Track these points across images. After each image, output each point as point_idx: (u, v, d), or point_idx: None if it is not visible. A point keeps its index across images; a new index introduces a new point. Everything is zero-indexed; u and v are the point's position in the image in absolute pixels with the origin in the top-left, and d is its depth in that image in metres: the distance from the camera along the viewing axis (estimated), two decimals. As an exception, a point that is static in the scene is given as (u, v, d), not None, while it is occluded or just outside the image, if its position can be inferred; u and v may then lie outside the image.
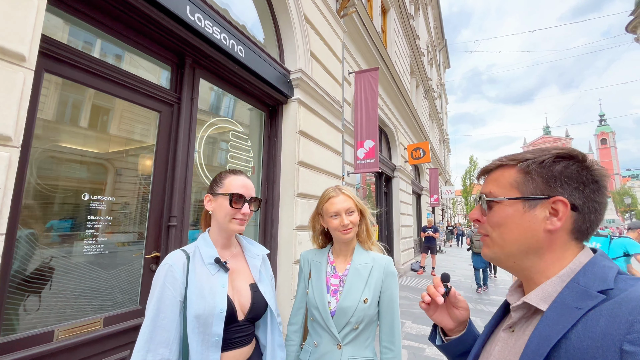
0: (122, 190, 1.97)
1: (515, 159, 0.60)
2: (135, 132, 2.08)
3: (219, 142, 2.76)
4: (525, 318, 0.59)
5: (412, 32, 10.29)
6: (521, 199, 0.58)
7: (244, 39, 2.66)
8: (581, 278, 0.52)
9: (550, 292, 0.54)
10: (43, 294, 1.56)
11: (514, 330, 0.60)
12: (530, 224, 0.57)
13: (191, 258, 1.01)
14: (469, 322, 0.80)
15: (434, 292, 0.76)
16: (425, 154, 8.94)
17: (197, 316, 0.93)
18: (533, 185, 0.57)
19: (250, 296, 1.07)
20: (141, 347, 0.88)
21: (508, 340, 0.59)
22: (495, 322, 0.68)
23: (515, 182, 0.59)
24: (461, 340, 0.77)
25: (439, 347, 0.82)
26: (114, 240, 1.89)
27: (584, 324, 0.47)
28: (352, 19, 5.01)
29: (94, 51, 1.86)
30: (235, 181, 1.09)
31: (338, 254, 1.25)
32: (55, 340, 1.54)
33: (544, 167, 0.57)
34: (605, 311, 0.46)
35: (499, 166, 0.63)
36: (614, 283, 0.49)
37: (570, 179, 0.55)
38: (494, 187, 0.62)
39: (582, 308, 0.48)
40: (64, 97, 1.73)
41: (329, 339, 1.12)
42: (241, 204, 1.06)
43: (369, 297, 1.12)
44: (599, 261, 0.54)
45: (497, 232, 0.60)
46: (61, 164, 1.70)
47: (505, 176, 0.61)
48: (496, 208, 0.61)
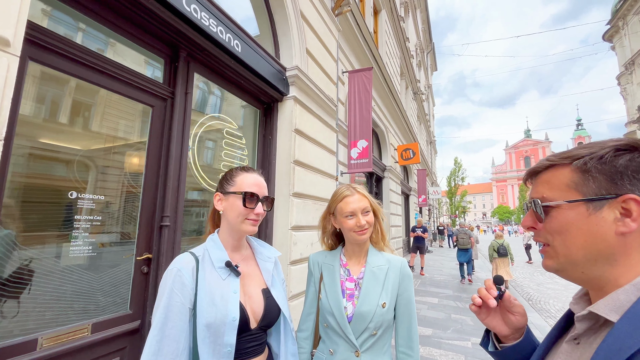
0: (112, 188, 1.86)
1: (568, 157, 0.54)
2: (126, 128, 1.97)
3: (213, 139, 2.67)
4: (592, 330, 0.53)
5: (403, 34, 10.37)
6: (583, 201, 0.52)
7: (241, 34, 2.58)
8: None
9: (622, 302, 0.48)
10: (24, 300, 1.44)
11: (579, 343, 0.54)
12: (599, 227, 0.50)
13: (200, 262, 0.94)
14: (526, 330, 0.72)
15: (485, 295, 0.70)
16: (415, 154, 9.03)
17: (207, 325, 0.86)
18: (595, 185, 0.51)
19: (263, 302, 1.00)
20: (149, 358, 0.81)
21: (572, 353, 0.54)
22: (558, 333, 0.62)
23: (573, 182, 0.53)
24: (517, 348, 0.70)
25: (492, 354, 0.76)
26: (103, 241, 1.78)
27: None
28: (346, 18, 4.98)
29: (84, 41, 1.75)
30: (247, 179, 1.01)
31: (351, 256, 1.19)
32: (39, 349, 1.43)
33: (604, 162, 0.50)
34: None
35: (549, 166, 0.57)
36: None
37: (638, 172, 0.49)
38: (546, 190, 0.56)
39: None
40: (49, 92, 1.61)
41: (346, 346, 1.06)
42: (255, 204, 0.98)
43: (387, 301, 1.07)
44: None
45: (559, 240, 0.54)
46: (45, 161, 1.59)
47: (558, 177, 0.55)
48: (554, 213, 0.55)
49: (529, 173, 0.61)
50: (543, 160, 0.59)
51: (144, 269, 1.93)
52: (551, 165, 0.57)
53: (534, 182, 0.60)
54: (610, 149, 0.50)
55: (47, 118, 1.61)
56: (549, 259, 0.57)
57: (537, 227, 0.58)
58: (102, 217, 1.77)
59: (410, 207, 13.04)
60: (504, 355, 0.72)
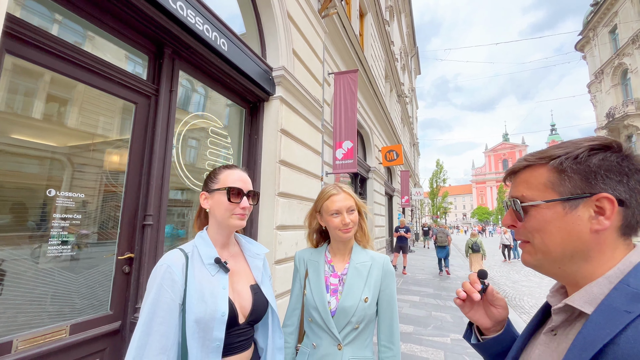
0: (92, 187, 1.82)
1: (545, 157, 0.56)
2: (106, 125, 1.92)
3: (198, 138, 2.64)
4: (568, 322, 0.55)
5: (388, 37, 10.56)
6: (560, 201, 0.53)
7: (227, 32, 2.57)
8: (632, 279, 0.48)
9: (596, 294, 0.50)
10: (1, 300, 1.39)
11: (556, 334, 0.56)
12: (574, 226, 0.52)
13: (190, 258, 0.95)
14: (507, 322, 0.75)
15: (470, 289, 0.72)
16: (399, 156, 9.21)
17: (197, 320, 0.87)
18: (571, 184, 0.53)
19: (252, 298, 1.02)
20: (133, 354, 0.81)
21: (549, 343, 0.56)
22: (535, 324, 0.64)
23: (550, 182, 0.55)
24: (498, 340, 0.73)
25: (474, 345, 0.78)
26: (82, 241, 1.74)
27: (634, 328, 0.43)
28: (332, 20, 5.03)
29: (65, 34, 1.70)
30: (231, 175, 1.03)
31: (335, 253, 1.23)
32: (14, 352, 1.39)
33: (579, 162, 0.52)
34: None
35: (527, 166, 0.59)
36: None
37: (611, 171, 0.51)
38: (525, 189, 0.58)
39: (632, 312, 0.45)
40: (23, 87, 1.56)
41: (329, 339, 1.10)
42: (240, 198, 1.01)
43: (369, 296, 1.12)
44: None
45: (538, 238, 0.56)
46: (22, 158, 1.54)
47: (536, 177, 0.57)
48: (533, 212, 0.56)
49: (508, 172, 0.63)
50: (521, 160, 0.61)
51: (126, 268, 1.90)
52: (529, 165, 0.59)
53: (513, 181, 0.62)
54: (585, 148, 0.53)
55: (22, 113, 1.56)
56: (528, 255, 0.60)
57: (517, 225, 0.60)
58: (82, 216, 1.73)
59: (394, 208, 13.27)
60: (485, 346, 0.75)
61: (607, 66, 20.55)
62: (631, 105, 17.95)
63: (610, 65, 20.15)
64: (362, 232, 1.24)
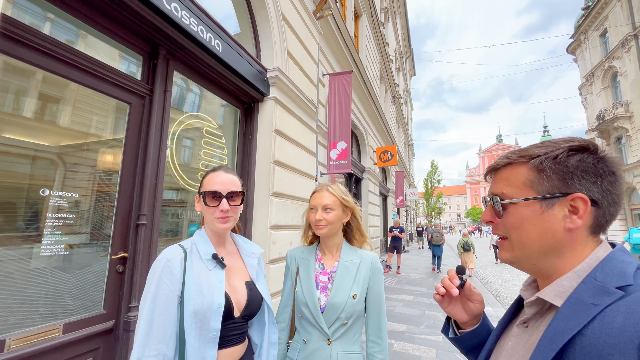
0: (86, 187, 1.82)
1: (525, 155, 0.57)
2: (100, 125, 1.93)
3: (192, 138, 2.65)
4: (539, 314, 0.57)
5: (382, 39, 10.63)
6: (537, 199, 0.55)
7: (222, 33, 2.59)
8: (598, 273, 0.51)
9: (565, 288, 0.53)
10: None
11: (528, 326, 0.58)
12: (550, 224, 0.54)
13: (188, 254, 0.99)
14: (483, 316, 0.77)
15: (448, 284, 0.74)
16: (393, 157, 9.28)
17: (195, 312, 0.92)
18: (549, 184, 0.54)
19: (246, 293, 1.07)
20: (140, 342, 0.86)
21: (522, 335, 0.58)
22: (509, 317, 0.67)
23: (529, 180, 0.56)
24: (475, 333, 0.75)
25: (452, 339, 0.81)
26: (75, 240, 1.75)
27: (600, 320, 0.45)
28: (327, 22, 5.07)
29: (59, 34, 1.71)
30: (212, 179, 1.06)
31: (325, 252, 1.27)
32: (6, 351, 1.39)
33: (558, 162, 0.54)
34: (623, 307, 0.44)
35: (507, 164, 0.60)
36: (634, 279, 0.48)
37: (586, 172, 0.53)
38: (505, 187, 0.59)
39: (599, 304, 0.47)
40: (14, 85, 1.57)
41: (319, 335, 1.13)
42: (217, 201, 1.03)
43: (358, 293, 1.15)
44: (617, 256, 0.52)
45: (515, 235, 0.58)
46: (14, 157, 1.54)
47: (516, 175, 0.58)
48: (511, 209, 0.58)
49: (490, 169, 0.65)
50: (503, 157, 0.62)
51: (119, 268, 1.91)
52: (510, 162, 0.60)
53: (494, 178, 0.63)
54: (564, 149, 0.54)
55: (14, 112, 1.57)
56: (504, 251, 0.61)
57: (495, 222, 0.61)
58: (76, 216, 1.74)
59: (388, 208, 13.35)
60: (463, 340, 0.78)
61: (597, 69, 20.93)
62: (621, 108, 18.31)
63: (601, 68, 20.52)
64: (358, 232, 1.27)
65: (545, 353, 0.48)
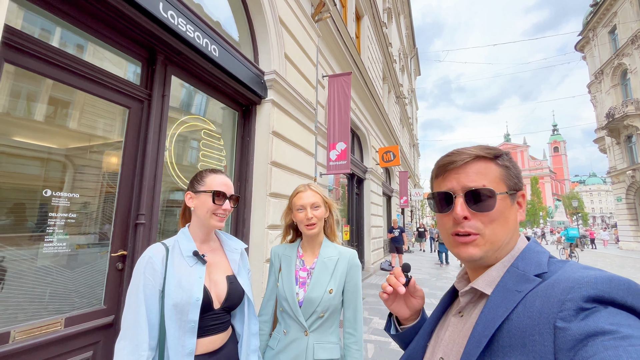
0: (87, 187, 1.91)
1: (490, 152, 0.61)
2: (101, 127, 2.02)
3: (191, 140, 2.74)
4: (472, 303, 0.62)
5: (385, 39, 10.65)
6: (508, 194, 0.59)
7: (218, 38, 2.67)
8: (520, 263, 0.56)
9: (494, 277, 0.58)
10: (0, 295, 1.49)
11: (463, 315, 0.62)
12: (513, 216, 0.60)
13: (170, 251, 1.07)
14: (422, 311, 0.82)
15: (395, 283, 0.76)
16: (396, 157, 9.28)
17: (174, 305, 0.99)
18: (513, 180, 0.60)
19: (227, 287, 1.14)
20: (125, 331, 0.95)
21: (457, 324, 0.62)
22: (443, 308, 0.70)
23: (502, 176, 0.60)
24: (415, 328, 0.79)
25: (393, 336, 0.84)
26: (77, 239, 1.83)
27: (523, 305, 0.50)
28: (326, 24, 5.13)
29: (61, 43, 1.80)
30: (216, 179, 1.15)
31: (306, 248, 1.33)
32: (11, 342, 1.48)
33: (512, 161, 0.61)
34: (541, 292, 0.49)
35: (477, 157, 0.61)
36: (547, 267, 0.54)
37: (520, 173, 0.61)
38: (484, 181, 0.59)
39: (522, 291, 0.51)
40: (23, 90, 1.66)
41: (297, 327, 1.21)
42: (223, 201, 1.13)
43: (334, 288, 1.22)
44: (533, 247, 0.58)
45: (491, 228, 0.59)
46: (19, 160, 1.64)
47: (490, 170, 0.60)
48: (492, 203, 0.58)
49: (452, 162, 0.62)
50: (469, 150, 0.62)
51: (119, 265, 1.99)
52: (479, 156, 0.60)
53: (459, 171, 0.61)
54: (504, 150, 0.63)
55: (21, 115, 1.66)
56: (476, 247, 0.59)
57: (470, 218, 0.59)
58: (77, 215, 1.83)
59: (392, 209, 13.33)
60: (404, 336, 0.81)
61: (606, 66, 20.56)
62: (631, 106, 17.95)
63: (610, 65, 20.15)
64: (330, 227, 1.34)
65: (479, 340, 0.52)
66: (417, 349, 0.69)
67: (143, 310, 0.96)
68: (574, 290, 0.45)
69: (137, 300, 0.97)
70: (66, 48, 1.80)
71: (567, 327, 0.42)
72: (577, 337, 0.41)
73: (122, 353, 0.93)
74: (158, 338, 0.98)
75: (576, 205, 38.69)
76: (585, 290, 0.44)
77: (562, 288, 0.46)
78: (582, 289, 0.44)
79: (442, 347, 0.62)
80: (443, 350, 0.61)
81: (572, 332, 0.42)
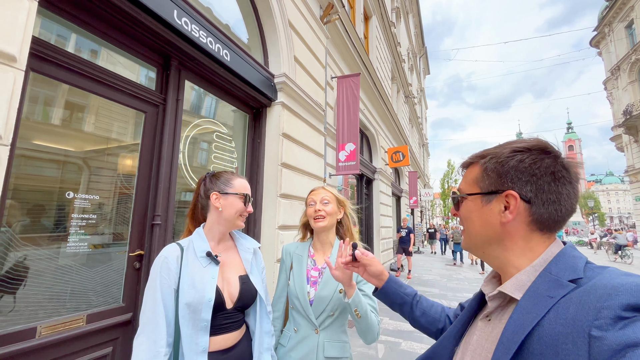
0: (105, 189, 1.99)
1: (479, 156, 0.65)
2: (117, 131, 2.10)
3: (203, 142, 2.81)
4: (501, 307, 0.61)
5: (394, 39, 10.61)
6: (479, 195, 0.63)
7: (230, 43, 2.73)
8: (553, 268, 0.54)
9: (524, 282, 0.56)
10: (26, 292, 1.57)
11: (491, 319, 0.61)
12: (488, 217, 0.61)
13: (185, 251, 1.11)
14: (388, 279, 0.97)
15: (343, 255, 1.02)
16: (405, 157, 9.23)
17: (188, 304, 1.03)
18: (488, 182, 0.61)
19: (239, 287, 1.17)
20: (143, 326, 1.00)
21: (485, 329, 0.62)
22: (472, 312, 0.70)
23: (477, 178, 0.64)
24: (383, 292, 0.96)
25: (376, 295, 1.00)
26: (97, 239, 1.91)
27: (555, 311, 0.48)
28: (335, 26, 5.16)
29: (82, 52, 1.88)
30: (243, 183, 1.23)
31: (317, 249, 1.37)
32: (37, 337, 1.56)
33: (499, 163, 0.60)
34: (575, 299, 0.47)
35: (470, 163, 0.67)
36: (584, 272, 0.52)
37: (522, 173, 0.58)
38: (463, 184, 0.68)
39: (554, 297, 0.50)
40: (44, 96, 1.75)
41: (308, 325, 1.24)
42: (249, 204, 1.22)
43: None
44: (569, 252, 0.57)
45: (466, 225, 0.67)
46: (42, 162, 1.72)
47: (471, 173, 0.66)
48: (463, 203, 0.67)
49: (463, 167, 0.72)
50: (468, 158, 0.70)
51: (136, 264, 2.06)
52: (472, 162, 0.67)
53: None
54: (509, 150, 0.60)
55: (44, 121, 1.74)
56: (463, 238, 0.70)
57: (456, 214, 0.71)
58: (97, 216, 1.91)
59: (402, 209, 13.25)
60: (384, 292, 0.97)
61: (623, 62, 19.95)
62: (649, 102, 17.37)
63: (627, 61, 19.55)
64: (346, 229, 1.37)
65: (508, 346, 0.51)
66: (444, 351, 0.70)
67: (161, 308, 1.01)
68: (612, 298, 0.43)
69: (154, 298, 1.02)
70: (84, 55, 1.88)
71: (604, 336, 0.40)
72: (614, 347, 0.39)
73: (141, 348, 0.97)
74: (174, 335, 1.03)
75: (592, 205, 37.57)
76: (625, 297, 0.42)
77: (599, 295, 0.44)
78: (621, 297, 0.42)
79: (469, 352, 0.62)
80: (471, 356, 0.61)
81: (609, 342, 0.40)
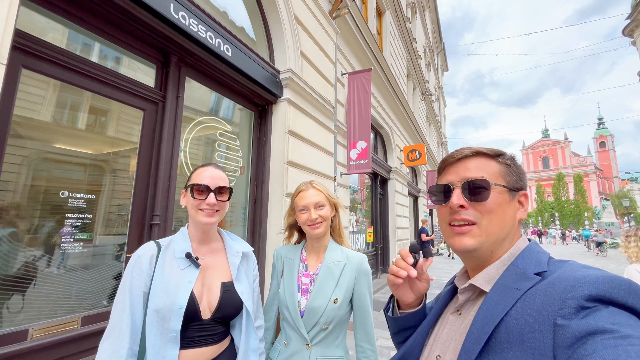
0: (102, 189, 1.95)
1: (491, 151, 0.64)
2: (115, 129, 2.06)
3: (207, 141, 2.75)
4: (471, 300, 0.63)
5: (409, 34, 10.32)
6: (508, 189, 0.61)
7: (231, 38, 2.66)
8: (520, 262, 0.57)
9: (493, 275, 0.59)
10: (15, 293, 1.53)
11: (461, 313, 0.63)
12: (512, 212, 0.61)
13: (162, 250, 1.00)
14: (425, 298, 0.78)
15: (405, 266, 0.71)
16: (422, 155, 8.93)
17: (157, 310, 0.91)
18: (513, 178, 0.62)
19: (219, 295, 1.02)
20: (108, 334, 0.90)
21: (455, 321, 0.63)
22: (443, 306, 0.70)
23: (502, 172, 0.62)
24: (415, 315, 0.76)
25: (389, 318, 0.81)
26: (94, 239, 1.87)
27: (522, 302, 0.50)
28: (345, 21, 5.02)
29: (76, 48, 1.85)
30: (202, 173, 1.06)
31: (310, 251, 1.22)
32: (29, 340, 1.52)
33: (515, 162, 0.64)
34: (541, 290, 0.50)
35: (477, 153, 0.64)
36: (547, 266, 0.55)
37: (524, 175, 0.64)
38: (484, 173, 0.62)
39: (521, 289, 0.52)
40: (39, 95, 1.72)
41: (298, 338, 1.09)
42: (205, 195, 1.03)
43: (340, 297, 1.09)
44: (534, 247, 0.60)
45: (488, 219, 0.60)
46: (35, 162, 1.69)
47: (490, 165, 0.63)
48: (486, 194, 0.60)
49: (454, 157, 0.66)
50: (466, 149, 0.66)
51: (134, 265, 2.01)
52: (479, 153, 0.64)
53: (460, 166, 0.64)
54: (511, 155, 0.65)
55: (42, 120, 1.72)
56: (471, 237, 0.60)
57: (467, 207, 0.61)
58: (94, 217, 1.86)
59: (420, 209, 12.87)
60: (401, 320, 0.78)
61: (661, 51, 18.53)
62: (691, 93, 16.05)
63: (665, 49, 18.16)
64: (336, 228, 1.22)
65: (478, 336, 0.52)
66: (415, 347, 0.69)
67: (127, 312, 0.90)
68: (575, 289, 0.45)
69: (123, 301, 0.91)
70: (80, 52, 1.85)
71: (568, 324, 0.43)
72: (577, 334, 0.41)
73: (103, 355, 0.87)
74: (140, 344, 0.92)
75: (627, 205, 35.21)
76: (587, 289, 0.45)
77: (563, 286, 0.47)
78: (584, 288, 0.45)
79: (439, 345, 0.63)
80: (440, 348, 0.62)
81: (572, 329, 0.42)
